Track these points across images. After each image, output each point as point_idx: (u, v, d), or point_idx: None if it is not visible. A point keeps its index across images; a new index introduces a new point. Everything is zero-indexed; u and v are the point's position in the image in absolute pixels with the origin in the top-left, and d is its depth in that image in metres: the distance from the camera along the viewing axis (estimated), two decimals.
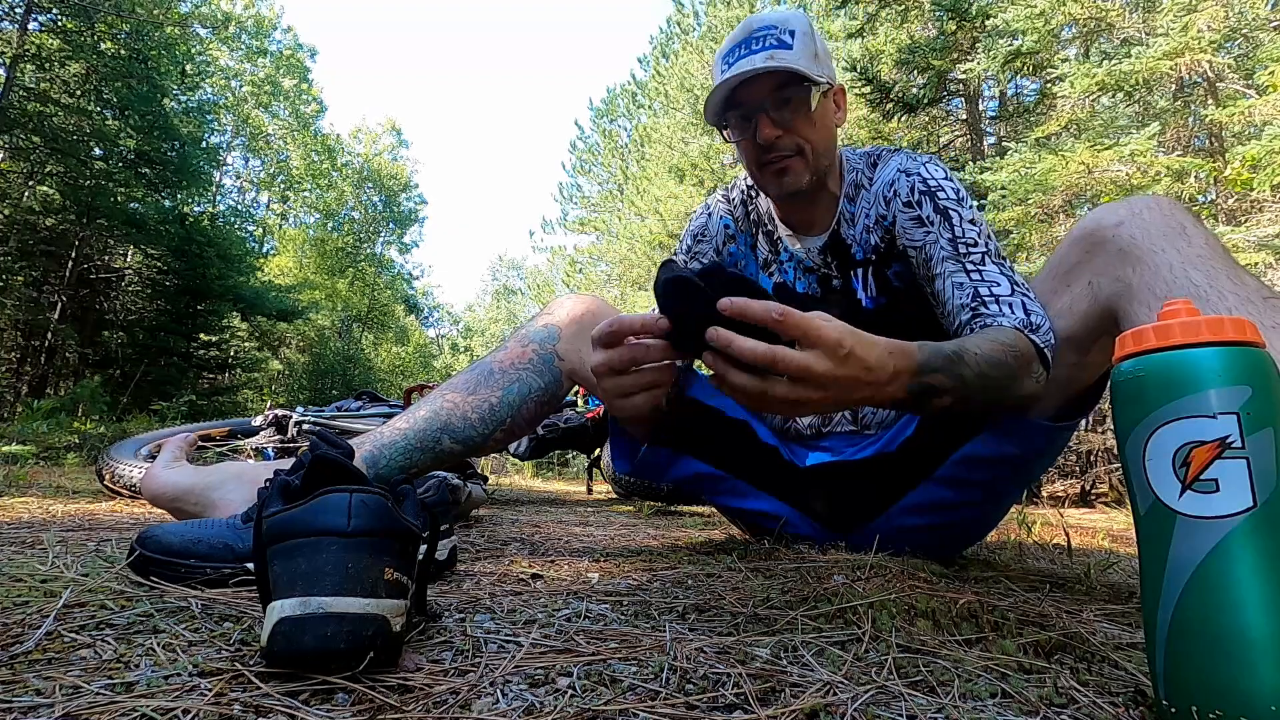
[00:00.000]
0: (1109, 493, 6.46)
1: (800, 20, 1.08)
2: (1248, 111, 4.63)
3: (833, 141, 1.12)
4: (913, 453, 1.03)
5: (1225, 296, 0.70)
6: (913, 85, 7.10)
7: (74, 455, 3.29)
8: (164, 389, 9.38)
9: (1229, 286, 0.72)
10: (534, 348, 1.09)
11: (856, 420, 1.15)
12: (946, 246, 1.01)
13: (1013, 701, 0.48)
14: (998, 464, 0.99)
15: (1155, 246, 0.77)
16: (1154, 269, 0.76)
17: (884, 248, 1.10)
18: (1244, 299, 0.70)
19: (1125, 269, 0.79)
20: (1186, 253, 0.75)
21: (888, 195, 1.09)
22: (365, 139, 24.41)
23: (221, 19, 15.35)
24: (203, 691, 0.42)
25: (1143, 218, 0.80)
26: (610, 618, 0.67)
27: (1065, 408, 0.96)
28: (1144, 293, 0.77)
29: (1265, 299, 0.70)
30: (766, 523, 1.16)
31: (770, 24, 1.07)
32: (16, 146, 8.77)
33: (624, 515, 2.14)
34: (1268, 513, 0.40)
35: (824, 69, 1.08)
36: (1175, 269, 0.75)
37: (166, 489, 0.96)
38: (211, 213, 13.81)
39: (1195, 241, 0.76)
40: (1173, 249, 0.76)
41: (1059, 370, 0.91)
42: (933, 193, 1.05)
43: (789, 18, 1.08)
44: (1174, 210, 0.80)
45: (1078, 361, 0.91)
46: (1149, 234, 0.78)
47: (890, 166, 1.11)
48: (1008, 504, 1.11)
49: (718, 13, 13.52)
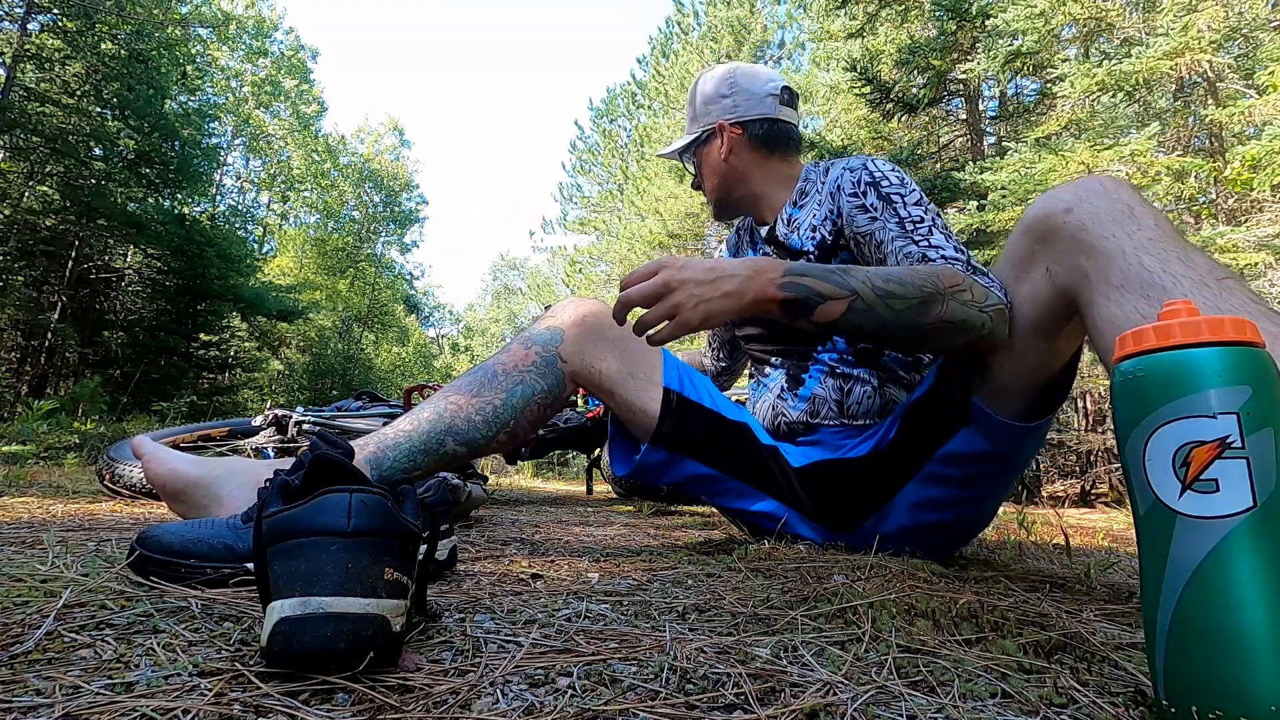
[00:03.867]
0: (1109, 493, 6.46)
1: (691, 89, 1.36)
2: (1248, 111, 4.63)
3: (726, 172, 1.31)
4: (899, 450, 1.05)
5: (1179, 281, 0.71)
6: (913, 85, 7.10)
7: (74, 455, 3.29)
8: (164, 389, 9.38)
9: (1181, 269, 0.72)
10: (537, 350, 1.10)
11: (843, 411, 1.17)
12: (894, 228, 1.06)
13: (1013, 701, 0.48)
14: (978, 461, 1.00)
15: (1106, 233, 0.78)
16: (1107, 256, 0.77)
17: (830, 240, 1.18)
18: (1198, 282, 0.70)
19: (1079, 257, 0.80)
20: (1137, 236, 0.76)
21: (834, 191, 1.18)
22: (367, 139, 24.42)
23: (222, 19, 15.33)
24: (203, 691, 0.42)
25: (1090, 203, 0.80)
26: (610, 618, 0.67)
27: (1036, 399, 0.97)
28: (1100, 281, 0.77)
29: (1219, 280, 0.70)
30: (766, 523, 1.16)
31: None
32: (16, 146, 8.77)
33: (624, 515, 2.14)
34: (1268, 513, 0.40)
35: (701, 121, 1.32)
36: (1128, 255, 0.75)
37: (175, 478, 0.96)
38: (212, 213, 13.81)
39: (1145, 223, 0.77)
40: (1123, 233, 0.77)
41: (1027, 359, 0.92)
42: (876, 183, 1.11)
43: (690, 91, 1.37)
44: (1120, 191, 0.80)
45: (1046, 349, 0.92)
46: (1098, 219, 0.79)
47: (837, 166, 1.21)
48: (996, 500, 1.12)
49: (718, 13, 13.53)
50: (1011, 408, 0.96)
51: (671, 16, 15.35)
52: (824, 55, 10.00)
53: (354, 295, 21.44)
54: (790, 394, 1.22)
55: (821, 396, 1.18)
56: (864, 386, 1.16)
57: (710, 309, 0.87)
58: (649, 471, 1.15)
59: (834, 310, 0.88)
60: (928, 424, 1.02)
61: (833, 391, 1.17)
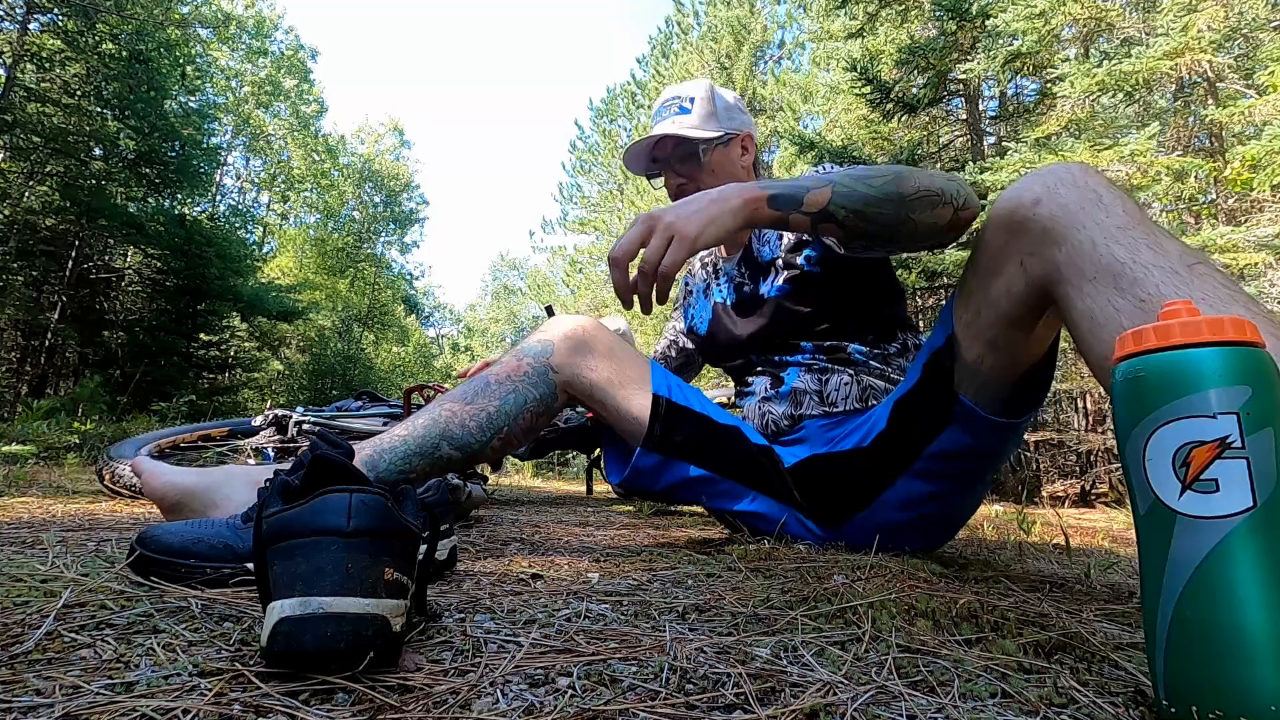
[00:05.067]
0: (1109, 493, 6.46)
1: (699, 88, 1.34)
2: (1248, 111, 4.63)
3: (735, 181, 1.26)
4: (888, 445, 1.06)
5: (1150, 270, 0.70)
6: (913, 85, 7.10)
7: (74, 455, 3.28)
8: (164, 389, 9.36)
9: (1150, 258, 0.71)
10: (529, 361, 1.13)
11: (824, 399, 1.21)
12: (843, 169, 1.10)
13: (1013, 701, 0.48)
14: (961, 457, 1.01)
15: (1076, 223, 0.77)
16: (1077, 247, 0.76)
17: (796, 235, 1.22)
18: (1169, 270, 0.69)
19: (1050, 249, 0.80)
20: (1106, 225, 0.75)
21: None
22: (368, 139, 24.41)
23: (222, 19, 15.32)
24: (203, 691, 0.42)
25: (1059, 193, 0.80)
26: (610, 618, 0.67)
27: (1019, 391, 0.98)
28: (1072, 273, 0.77)
29: (1189, 266, 0.69)
30: (764, 524, 1.17)
31: (675, 95, 1.35)
32: (16, 146, 8.76)
33: (624, 515, 2.14)
34: (1268, 513, 0.40)
35: (724, 123, 1.32)
36: (1098, 245, 0.74)
37: (171, 489, 0.96)
38: (212, 213, 13.79)
39: (1114, 211, 0.76)
40: (1093, 224, 0.76)
41: (1009, 351, 0.93)
42: (832, 164, 1.19)
43: (689, 88, 1.35)
44: (1088, 178, 0.80)
45: (1024, 340, 0.92)
46: (1067, 210, 0.78)
47: None
48: (979, 495, 1.13)
49: (718, 13, 13.53)
50: (995, 402, 0.97)
51: (671, 16, 15.35)
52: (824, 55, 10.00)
53: (354, 295, 21.43)
54: (773, 393, 1.26)
55: (801, 389, 1.23)
56: (840, 375, 1.22)
57: (703, 218, 0.90)
58: (643, 476, 1.16)
59: (820, 197, 0.94)
60: (915, 419, 1.04)
61: (811, 383, 1.23)
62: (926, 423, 1.02)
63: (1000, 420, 0.97)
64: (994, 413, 0.97)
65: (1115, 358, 0.47)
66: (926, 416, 1.02)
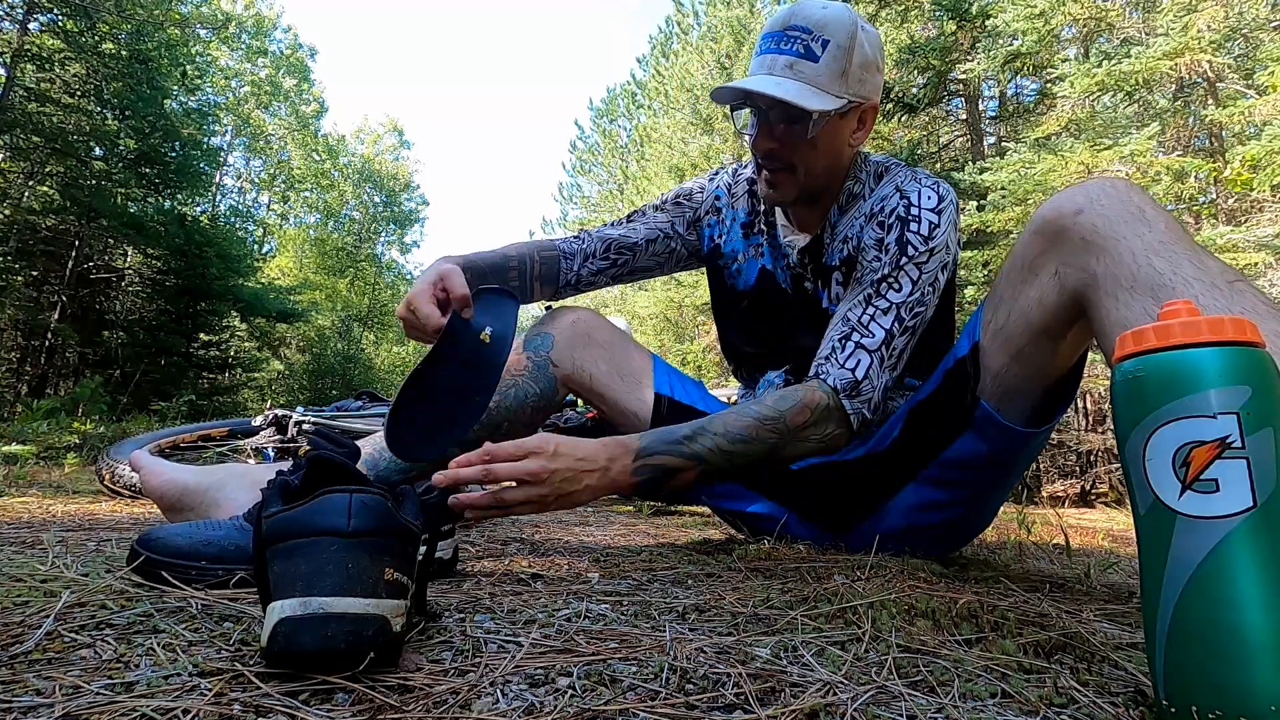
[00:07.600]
0: (1109, 493, 6.46)
1: (841, 28, 1.01)
2: (1248, 111, 4.63)
3: (838, 161, 1.10)
4: (900, 452, 1.04)
5: (1190, 284, 0.70)
6: (913, 85, 7.11)
7: (74, 455, 3.28)
8: (164, 389, 9.36)
9: (1191, 272, 0.71)
10: (529, 355, 1.12)
11: None
12: (868, 286, 1.04)
13: (1013, 701, 0.48)
14: (979, 465, 1.00)
15: (1117, 234, 0.77)
16: (1117, 258, 0.76)
17: (853, 257, 1.11)
18: (1208, 284, 0.69)
19: (1089, 259, 0.79)
20: (1148, 239, 0.75)
21: (875, 210, 1.08)
22: (367, 139, 24.41)
23: (222, 19, 15.32)
24: (203, 691, 0.42)
25: (1101, 204, 0.79)
26: (610, 618, 0.67)
27: (1042, 402, 0.97)
28: (1109, 283, 0.76)
29: (1230, 283, 0.70)
30: (765, 524, 1.16)
31: (807, 25, 1.01)
32: (16, 146, 8.76)
33: (624, 515, 2.14)
34: (1267, 513, 0.40)
35: (853, 87, 1.03)
36: (1138, 256, 0.74)
37: (171, 487, 0.96)
38: (212, 213, 13.80)
39: (1156, 226, 0.76)
40: (1134, 236, 0.76)
41: (1035, 361, 0.92)
42: (906, 223, 1.03)
43: (829, 23, 1.01)
44: (1131, 194, 0.79)
45: (1052, 351, 0.91)
46: (1109, 221, 0.78)
47: (891, 183, 1.09)
48: (995, 503, 1.11)
49: (718, 13, 13.51)
50: (1017, 411, 0.96)
51: (671, 16, 15.35)
52: None
53: (354, 295, 21.44)
54: None
55: None
56: None
57: (566, 503, 0.90)
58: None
59: (685, 479, 0.97)
60: (932, 425, 1.02)
61: None
62: (942, 428, 1.00)
63: (1020, 429, 0.95)
64: (1014, 421, 0.95)
65: (1115, 357, 0.47)
66: (942, 422, 1.00)
